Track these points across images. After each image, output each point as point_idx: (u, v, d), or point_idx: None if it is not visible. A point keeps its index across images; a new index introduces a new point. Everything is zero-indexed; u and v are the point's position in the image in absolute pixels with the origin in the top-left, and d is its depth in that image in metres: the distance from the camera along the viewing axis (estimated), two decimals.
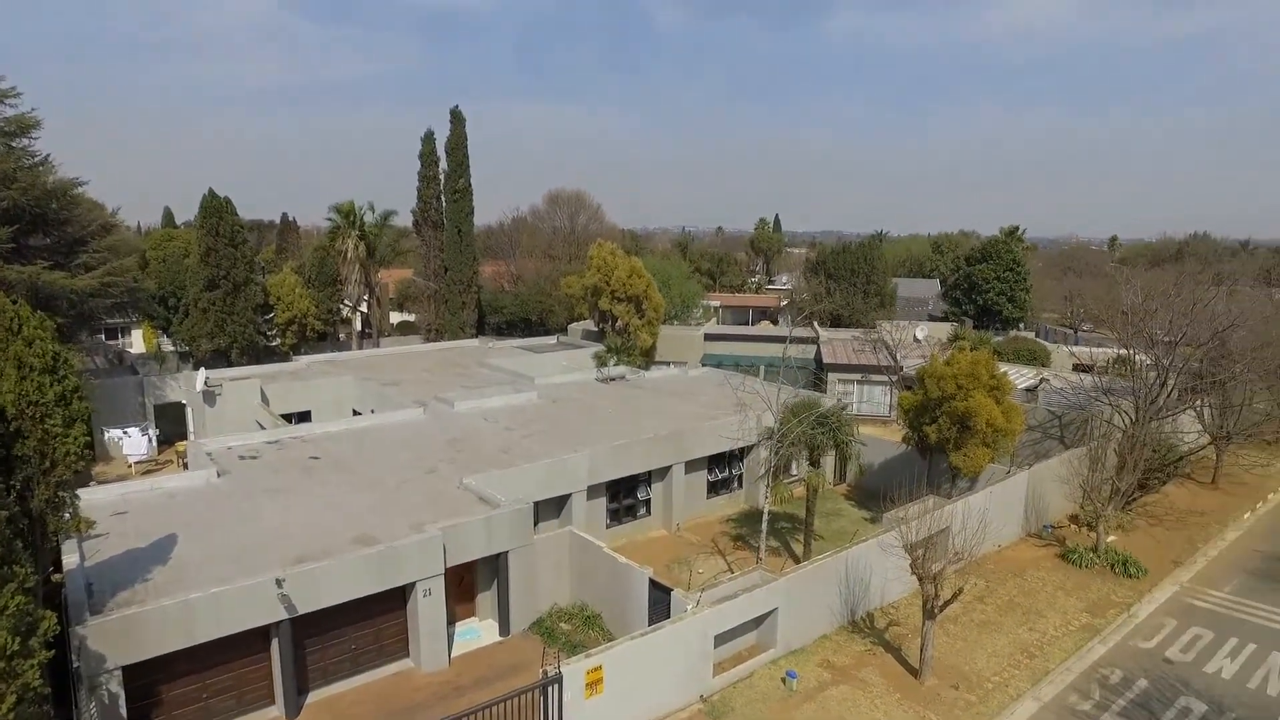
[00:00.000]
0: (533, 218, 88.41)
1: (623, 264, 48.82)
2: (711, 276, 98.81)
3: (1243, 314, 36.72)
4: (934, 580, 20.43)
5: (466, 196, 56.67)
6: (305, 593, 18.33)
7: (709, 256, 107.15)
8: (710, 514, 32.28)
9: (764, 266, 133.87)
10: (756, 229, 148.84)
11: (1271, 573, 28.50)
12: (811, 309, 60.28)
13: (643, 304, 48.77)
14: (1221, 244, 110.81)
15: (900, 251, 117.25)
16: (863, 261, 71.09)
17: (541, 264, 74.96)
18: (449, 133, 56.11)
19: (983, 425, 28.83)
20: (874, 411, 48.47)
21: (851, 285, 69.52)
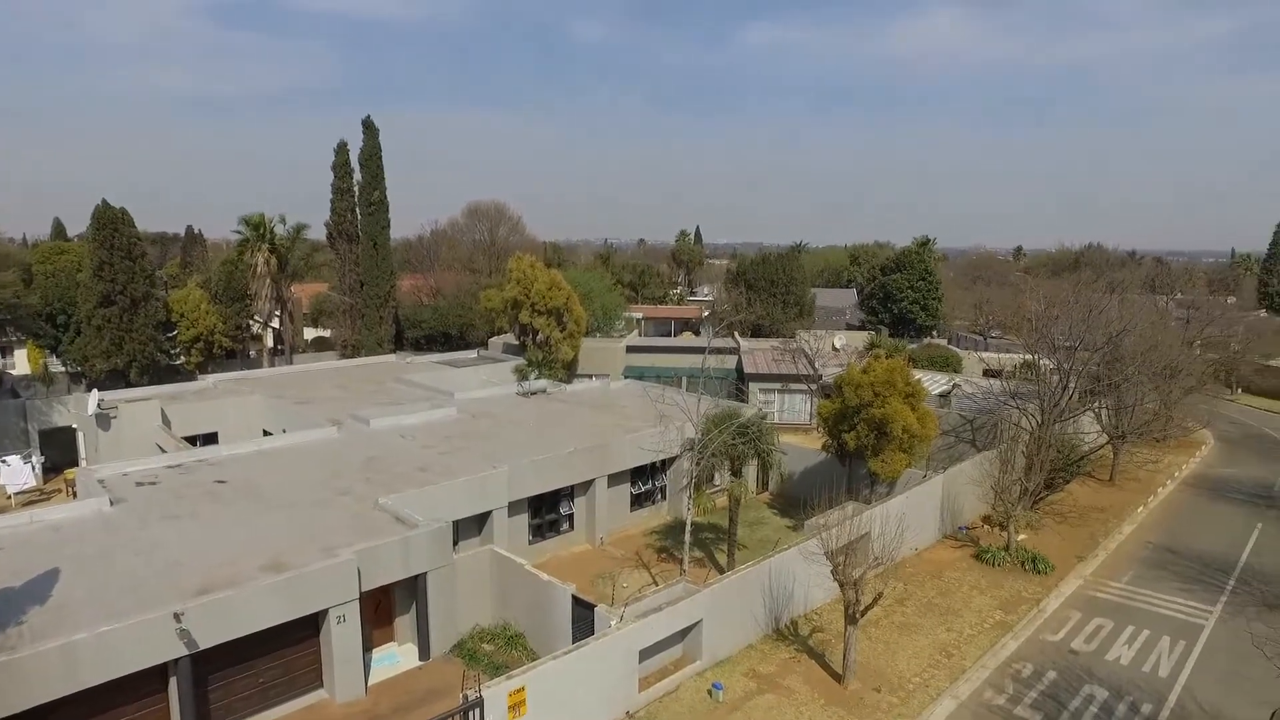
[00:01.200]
0: (452, 230, 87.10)
1: (543, 277, 48.42)
2: (633, 288, 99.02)
3: (1133, 320, 38.79)
4: (855, 585, 20.72)
5: (382, 209, 55.36)
6: (209, 626, 17.33)
7: (631, 268, 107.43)
8: (634, 527, 32.12)
9: (685, 278, 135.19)
10: (678, 241, 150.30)
11: (1161, 562, 30.08)
12: (732, 319, 60.98)
13: (564, 317, 48.44)
14: (1113, 254, 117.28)
15: (818, 262, 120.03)
16: (782, 272, 72.38)
17: (461, 277, 73.79)
18: (363, 144, 54.78)
19: (899, 431, 29.55)
20: (794, 420, 49.24)
21: (771, 295, 70.66)
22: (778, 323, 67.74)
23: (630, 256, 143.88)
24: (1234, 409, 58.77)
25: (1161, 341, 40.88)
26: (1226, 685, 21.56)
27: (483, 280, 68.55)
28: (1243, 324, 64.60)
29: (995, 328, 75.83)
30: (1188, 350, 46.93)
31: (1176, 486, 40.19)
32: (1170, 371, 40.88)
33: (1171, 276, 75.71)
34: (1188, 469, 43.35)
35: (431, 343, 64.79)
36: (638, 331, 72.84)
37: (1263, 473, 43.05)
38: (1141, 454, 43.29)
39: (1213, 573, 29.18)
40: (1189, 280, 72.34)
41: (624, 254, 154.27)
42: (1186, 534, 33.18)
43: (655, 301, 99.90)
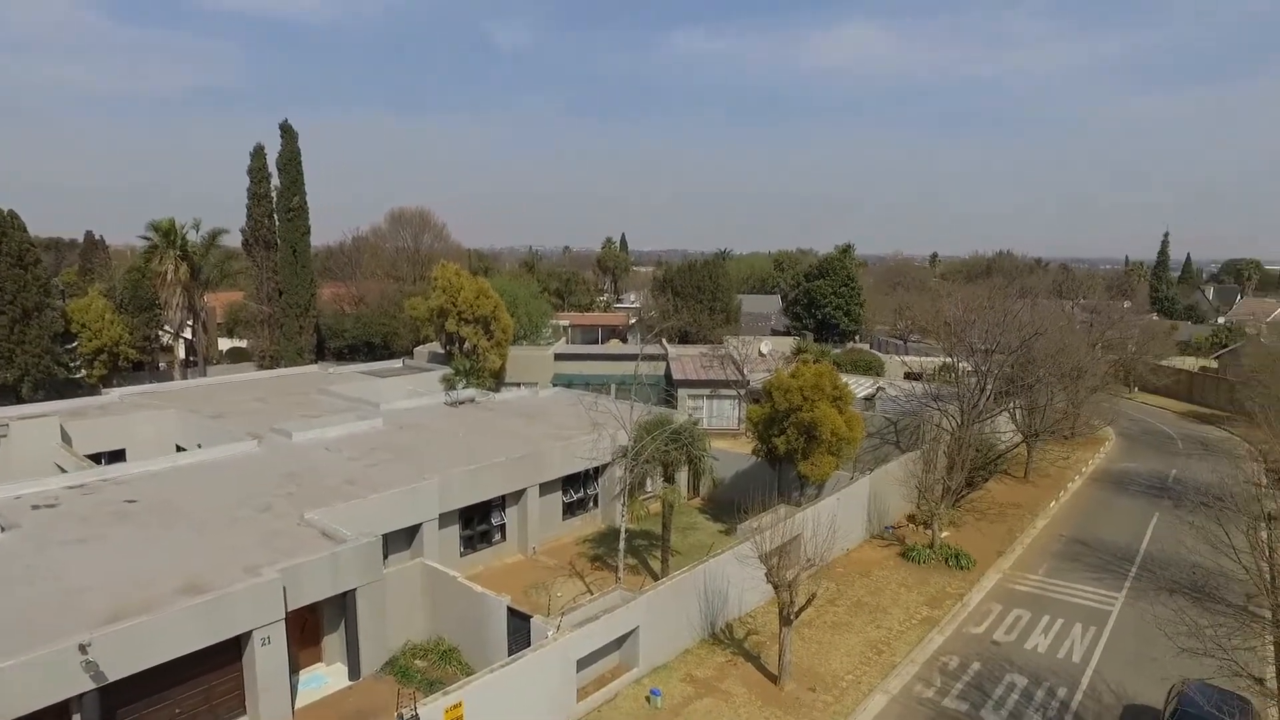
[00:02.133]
0: (374, 237, 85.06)
1: (469, 284, 47.68)
2: (560, 296, 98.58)
3: (1043, 324, 40.60)
4: (789, 587, 21.00)
5: (302, 215, 53.69)
6: (119, 656, 16.33)
7: (557, 276, 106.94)
8: (567, 535, 31.86)
9: (612, 285, 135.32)
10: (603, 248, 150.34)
11: (1072, 554, 31.54)
12: (660, 326, 61.31)
13: (491, 325, 47.80)
14: (1022, 261, 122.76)
15: (743, 269, 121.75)
16: (708, 279, 73.12)
17: (385, 285, 72.11)
18: (281, 148, 53.04)
19: (828, 434, 30.15)
20: (723, 425, 49.74)
21: (698, 302, 71.29)
22: (705, 329, 68.41)
23: (556, 264, 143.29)
24: (1132, 406, 62.13)
25: (1068, 344, 42.91)
26: (1132, 666, 22.73)
27: (407, 288, 67.13)
28: (1138, 327, 68.36)
29: (915, 332, 78.26)
30: (1091, 352, 49.38)
31: (1084, 481, 42.21)
32: (1077, 372, 42.96)
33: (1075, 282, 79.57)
34: (1094, 464, 45.59)
35: (354, 352, 63.07)
36: (565, 339, 72.50)
37: (1158, 465, 45.62)
38: (1053, 451, 45.36)
39: (1118, 561, 30.74)
40: (1091, 286, 76.09)
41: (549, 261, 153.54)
42: (1094, 526, 34.86)
43: (582, 309, 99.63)
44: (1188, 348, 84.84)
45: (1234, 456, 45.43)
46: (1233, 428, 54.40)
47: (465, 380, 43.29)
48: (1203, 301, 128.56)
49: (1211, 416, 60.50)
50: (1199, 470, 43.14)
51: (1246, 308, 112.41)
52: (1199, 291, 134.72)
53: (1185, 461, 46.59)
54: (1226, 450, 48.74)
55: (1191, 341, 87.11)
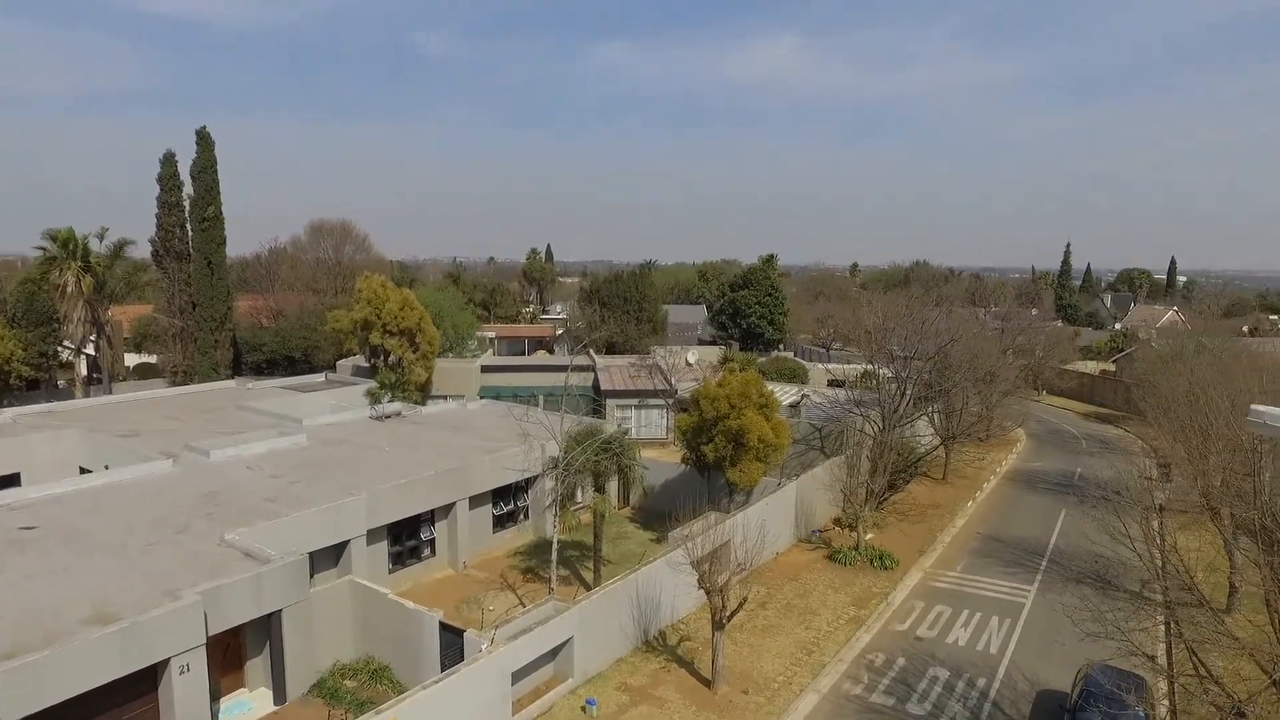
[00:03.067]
0: (294, 249, 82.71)
1: (394, 296, 46.91)
2: (486, 307, 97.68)
3: (958, 331, 42.33)
4: (720, 592, 21.33)
5: (217, 225, 51.87)
6: (19, 693, 15.35)
7: (482, 287, 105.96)
8: (498, 548, 31.58)
9: (538, 296, 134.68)
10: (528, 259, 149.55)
11: (988, 550, 32.93)
12: (587, 337, 61.43)
13: (416, 337, 47.09)
14: (937, 270, 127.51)
15: (669, 279, 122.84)
16: (634, 289, 73.61)
17: (305, 298, 70.15)
18: (195, 155, 51.15)
19: (755, 441, 30.72)
20: (652, 434, 50.06)
21: (625, 313, 71.67)
22: (632, 339, 68.80)
23: (481, 275, 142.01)
24: (1040, 409, 65.20)
25: (982, 350, 44.81)
26: (1044, 653, 23.91)
27: (328, 301, 65.49)
28: (1044, 333, 71.81)
29: (837, 340, 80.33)
30: (1003, 357, 51.63)
31: (998, 481, 44.07)
32: (990, 377, 44.87)
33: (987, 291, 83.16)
34: (1007, 464, 47.65)
35: (274, 367, 61.12)
36: (492, 351, 71.87)
37: (1065, 464, 48.00)
38: (969, 453, 47.22)
39: (1029, 556, 32.23)
40: (1001, 294, 79.60)
41: (474, 273, 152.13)
42: (1008, 523, 36.44)
43: (508, 320, 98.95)
44: (1089, 352, 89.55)
45: (1130, 453, 48.07)
46: (1128, 426, 57.61)
47: (391, 394, 42.50)
48: (1101, 309, 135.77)
49: (1110, 416, 63.95)
50: (1100, 467, 45.52)
51: (1139, 315, 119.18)
52: (1098, 300, 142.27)
53: (1088, 459, 49.13)
54: (1123, 447, 51.56)
55: (1092, 346, 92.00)
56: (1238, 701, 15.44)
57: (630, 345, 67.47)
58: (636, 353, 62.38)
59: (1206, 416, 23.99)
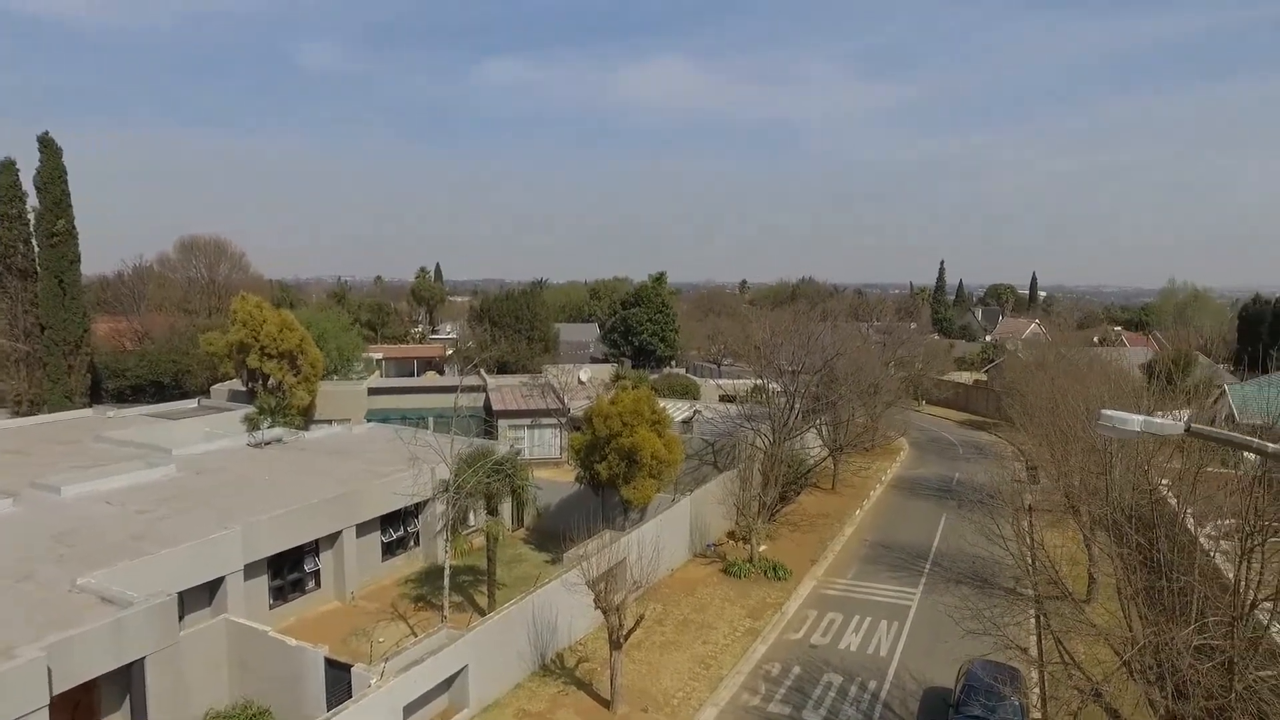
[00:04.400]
0: (162, 267, 77.91)
1: (273, 317, 44.76)
2: (372, 328, 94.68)
3: (843, 345, 43.90)
4: (617, 611, 21.16)
5: (69, 241, 48.12)
6: None
7: (368, 307, 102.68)
8: (388, 577, 30.40)
9: (427, 316, 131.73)
10: (417, 278, 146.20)
11: (876, 557, 34.10)
12: (478, 357, 60.35)
13: (298, 359, 45.05)
14: (822, 286, 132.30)
15: (560, 297, 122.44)
16: (526, 308, 73.04)
17: (175, 319, 66.04)
18: (41, 164, 47.33)
19: (648, 458, 30.80)
20: (546, 454, 49.56)
21: (516, 332, 70.93)
22: (524, 359, 68.11)
23: (367, 294, 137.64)
24: (920, 418, 68.36)
25: (865, 363, 46.62)
26: (929, 652, 24.88)
27: (201, 322, 61.87)
28: (923, 345, 75.58)
29: (728, 356, 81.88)
30: (885, 369, 53.90)
31: (884, 489, 45.81)
32: (874, 388, 46.72)
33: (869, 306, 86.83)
34: (891, 473, 49.61)
35: (139, 394, 57.08)
36: (379, 373, 69.67)
37: (944, 470, 50.41)
38: (856, 462, 48.91)
39: (914, 560, 33.56)
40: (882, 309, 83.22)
41: (360, 292, 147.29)
42: (894, 529, 37.88)
43: (396, 341, 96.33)
44: (963, 363, 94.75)
45: (1002, 457, 50.92)
46: (1000, 432, 61.06)
47: (270, 419, 40.40)
48: (973, 322, 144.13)
49: (984, 423, 67.73)
50: (976, 472, 47.94)
51: (1006, 327, 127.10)
52: (970, 313, 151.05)
53: (965, 465, 51.78)
54: (996, 452, 54.56)
55: (966, 358, 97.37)
56: (1095, 683, 16.46)
57: (522, 364, 66.76)
58: (529, 372, 61.74)
59: (1066, 421, 25.69)
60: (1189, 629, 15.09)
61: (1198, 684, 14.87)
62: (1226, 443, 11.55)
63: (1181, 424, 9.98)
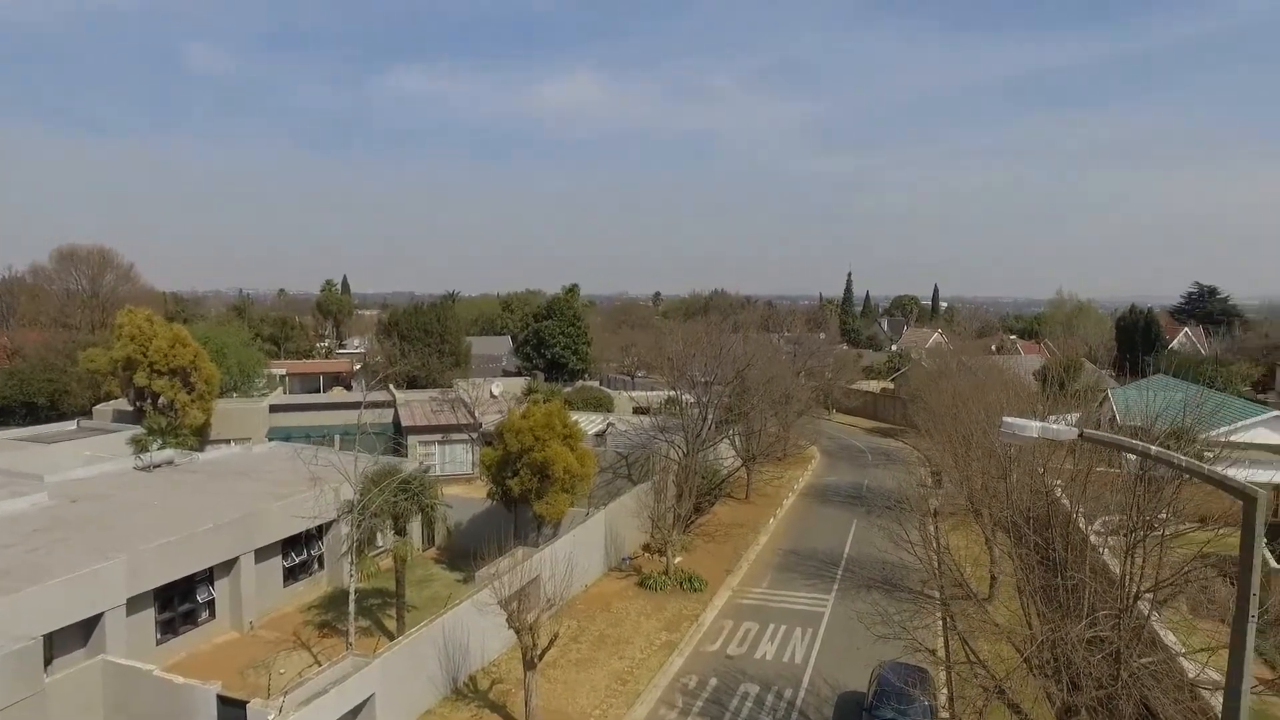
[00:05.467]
0: (37, 278, 72.86)
1: (163, 332, 42.37)
2: (275, 343, 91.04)
3: (754, 355, 44.51)
4: (530, 630, 20.64)
5: None
6: None
7: (271, 321, 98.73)
8: (290, 603, 28.97)
9: (333, 330, 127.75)
10: (323, 291, 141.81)
11: (790, 565, 34.52)
12: (386, 371, 58.65)
13: (191, 377, 42.75)
14: (734, 298, 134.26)
15: (472, 310, 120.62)
16: (436, 322, 71.60)
17: (51, 335, 61.75)
18: None
19: (561, 473, 30.38)
20: (457, 470, 48.46)
21: (426, 345, 69.41)
22: (434, 373, 66.66)
23: (270, 308, 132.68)
24: (831, 426, 70.00)
25: (777, 373, 47.38)
26: (843, 658, 25.23)
27: (82, 338, 58.04)
28: (832, 355, 77.53)
29: (641, 368, 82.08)
30: (796, 379, 54.95)
31: (796, 497, 46.53)
32: (785, 398, 47.52)
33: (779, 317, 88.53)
34: (803, 481, 50.47)
35: (8, 415, 53.01)
36: (282, 389, 67.00)
37: (854, 477, 51.65)
38: (768, 472, 49.55)
39: (827, 566, 34.12)
40: (792, 320, 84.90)
41: (262, 306, 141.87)
42: (806, 537, 38.46)
43: (301, 356, 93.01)
44: (870, 372, 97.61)
45: (909, 463, 52.60)
46: (906, 439, 63.03)
47: (161, 440, 38.19)
48: (880, 332, 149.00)
49: (892, 431, 69.81)
50: (884, 478, 49.34)
51: (910, 337, 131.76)
52: (877, 324, 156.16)
53: (874, 471, 53.19)
54: (903, 458, 56.32)
55: (873, 367, 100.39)
56: (999, 681, 16.97)
57: (433, 379, 65.26)
58: (439, 386, 60.36)
59: (967, 427, 26.58)
60: (1082, 624, 15.69)
61: (1089, 675, 15.48)
62: (1115, 445, 12.03)
63: (1075, 429, 10.30)
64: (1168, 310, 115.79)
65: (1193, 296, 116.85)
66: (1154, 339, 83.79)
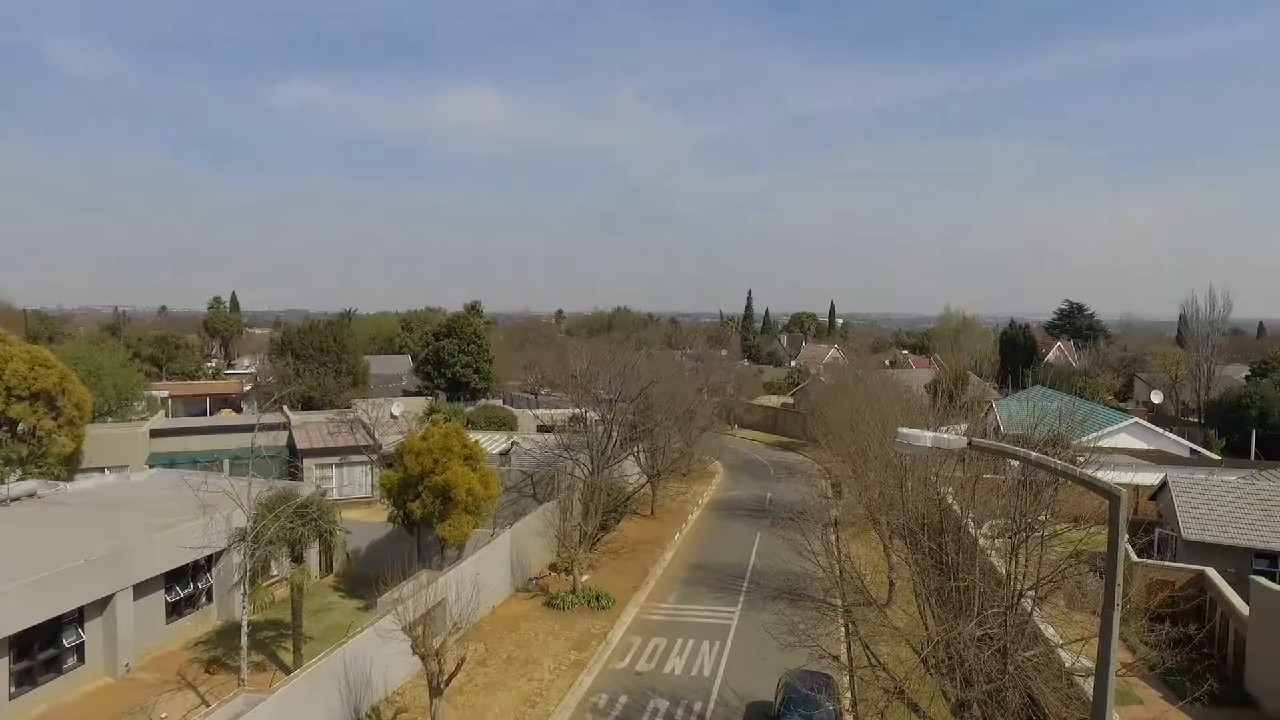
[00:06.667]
0: None
1: (20, 353, 39.26)
2: (156, 363, 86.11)
3: (658, 373, 44.96)
4: (436, 655, 20.11)
5: None
6: None
7: (152, 340, 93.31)
8: (174, 641, 27.28)
9: (221, 350, 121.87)
10: (210, 308, 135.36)
11: (696, 579, 34.85)
12: (281, 392, 56.26)
13: (57, 401, 39.77)
14: (637, 316, 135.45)
15: (371, 329, 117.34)
16: (333, 341, 69.42)
17: None
18: None
19: (463, 494, 29.83)
20: (357, 494, 46.92)
21: (322, 365, 67.11)
22: (331, 393, 64.45)
23: (150, 327, 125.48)
24: (734, 441, 71.14)
25: (680, 390, 47.98)
26: (751, 668, 25.59)
27: None
28: (734, 372, 79.12)
29: (545, 386, 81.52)
30: (699, 396, 55.74)
31: (701, 512, 47.08)
32: (689, 414, 48.10)
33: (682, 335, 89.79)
34: (708, 496, 51.13)
35: None
36: (164, 413, 63.28)
37: (758, 491, 52.69)
38: (673, 487, 49.98)
39: (733, 579, 34.60)
40: (695, 337, 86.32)
41: (141, 324, 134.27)
42: (712, 551, 38.93)
43: (186, 377, 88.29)
44: (771, 388, 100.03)
45: (810, 476, 54.02)
46: (807, 452, 64.75)
47: (20, 471, 35.37)
48: (780, 349, 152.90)
49: (793, 444, 71.54)
50: (786, 491, 50.55)
51: (808, 353, 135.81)
52: (777, 340, 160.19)
53: (777, 484, 54.39)
54: (805, 471, 57.77)
55: (774, 382, 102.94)
56: (898, 682, 17.60)
57: (330, 400, 63.01)
58: (337, 407, 58.30)
59: (865, 439, 27.61)
60: (973, 623, 16.47)
61: (980, 670, 16.25)
62: (1001, 453, 12.72)
63: (965, 438, 10.86)
64: (1043, 325, 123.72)
65: (1064, 313, 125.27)
66: (1032, 353, 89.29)
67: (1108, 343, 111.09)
